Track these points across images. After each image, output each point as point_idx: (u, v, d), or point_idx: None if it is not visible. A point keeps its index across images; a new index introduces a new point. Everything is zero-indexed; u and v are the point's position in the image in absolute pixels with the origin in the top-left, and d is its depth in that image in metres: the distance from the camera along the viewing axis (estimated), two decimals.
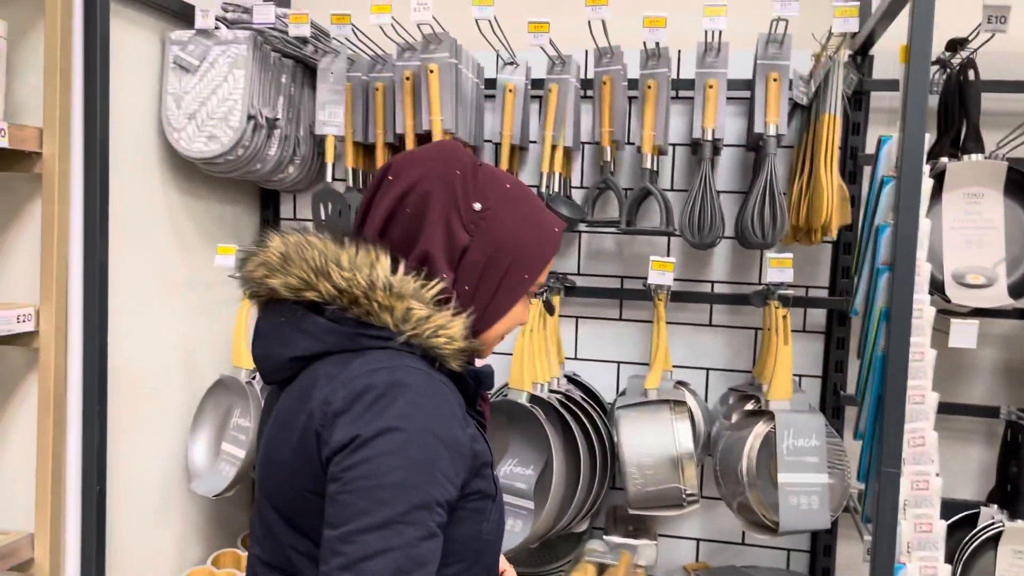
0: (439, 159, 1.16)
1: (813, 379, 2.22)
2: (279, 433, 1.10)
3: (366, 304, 1.07)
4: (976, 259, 1.86)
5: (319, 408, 1.04)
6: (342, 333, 1.08)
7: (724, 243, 2.23)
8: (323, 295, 1.08)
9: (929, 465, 1.60)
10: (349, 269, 1.07)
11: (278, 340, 1.12)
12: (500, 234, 1.15)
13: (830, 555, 2.18)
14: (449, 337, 1.09)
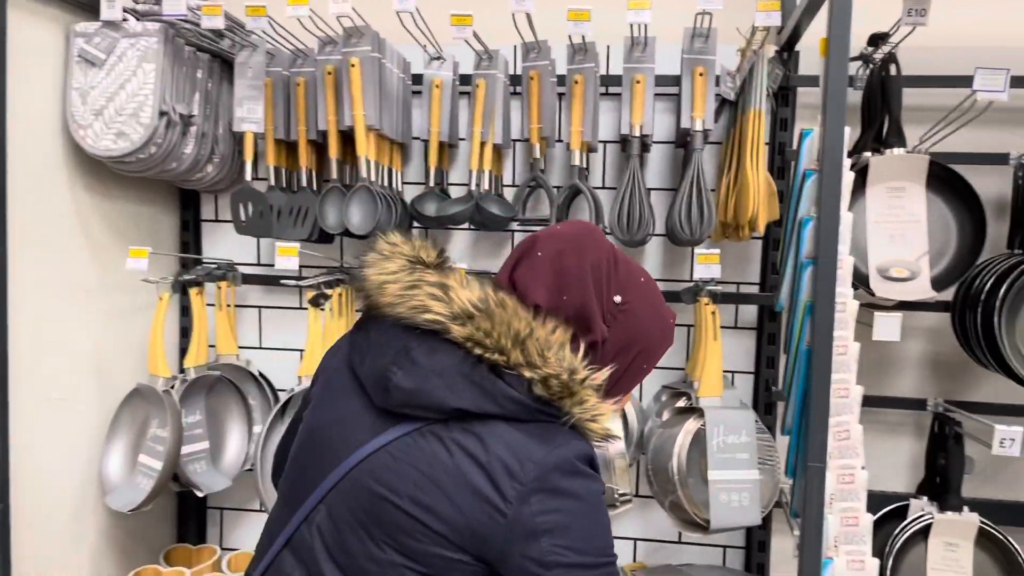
0: (588, 245, 1.19)
1: (746, 375, 2.21)
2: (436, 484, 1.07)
3: (555, 386, 1.09)
4: (899, 253, 1.87)
5: (508, 484, 1.05)
6: (524, 405, 1.08)
7: (655, 241, 2.21)
8: (509, 361, 1.08)
9: (855, 459, 1.60)
10: (545, 346, 1.09)
11: (444, 384, 1.09)
12: (634, 328, 1.19)
13: (764, 550, 2.18)
14: (602, 424, 1.13)
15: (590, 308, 1.15)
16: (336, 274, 2.12)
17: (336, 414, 1.19)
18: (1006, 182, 2.02)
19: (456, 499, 1.05)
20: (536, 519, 1.04)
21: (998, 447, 1.73)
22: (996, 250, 2.02)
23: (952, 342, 2.04)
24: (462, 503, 1.05)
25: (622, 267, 1.21)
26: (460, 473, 1.06)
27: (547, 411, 1.09)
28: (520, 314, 1.11)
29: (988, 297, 1.82)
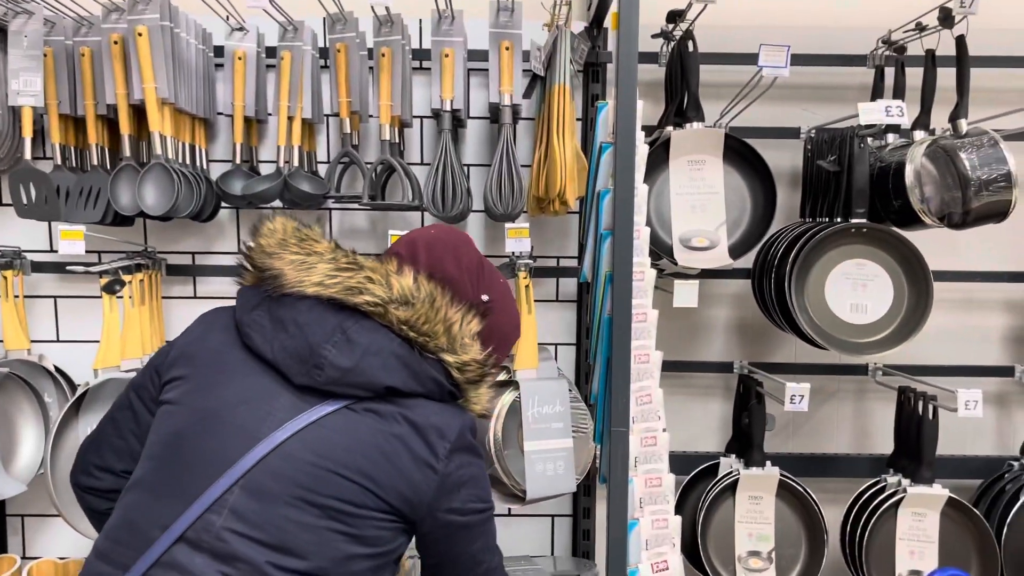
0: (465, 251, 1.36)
1: (568, 347, 2.26)
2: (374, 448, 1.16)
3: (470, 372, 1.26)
4: (700, 223, 1.95)
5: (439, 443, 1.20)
6: (440, 385, 1.23)
7: (476, 217, 2.21)
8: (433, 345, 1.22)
9: (656, 422, 1.66)
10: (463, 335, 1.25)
11: (380, 363, 1.18)
12: (496, 324, 1.34)
13: (589, 517, 2.24)
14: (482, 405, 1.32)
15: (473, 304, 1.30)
16: (137, 258, 1.99)
17: (240, 395, 1.18)
18: (798, 155, 2.14)
19: (398, 463, 1.17)
20: (458, 472, 1.21)
21: (789, 403, 1.84)
22: (790, 218, 2.15)
23: (754, 307, 2.15)
24: (403, 467, 1.17)
25: (487, 269, 1.37)
26: (401, 441, 1.17)
27: (455, 394, 1.26)
28: (452, 305, 1.24)
29: (780, 264, 1.93)
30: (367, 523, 1.16)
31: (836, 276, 1.92)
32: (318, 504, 1.13)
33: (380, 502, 1.16)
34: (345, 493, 1.14)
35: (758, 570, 2.03)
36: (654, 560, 1.62)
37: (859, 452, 2.28)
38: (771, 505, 2.05)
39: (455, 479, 1.21)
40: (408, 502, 1.18)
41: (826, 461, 2.23)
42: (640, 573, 1.61)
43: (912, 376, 2.07)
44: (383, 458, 1.17)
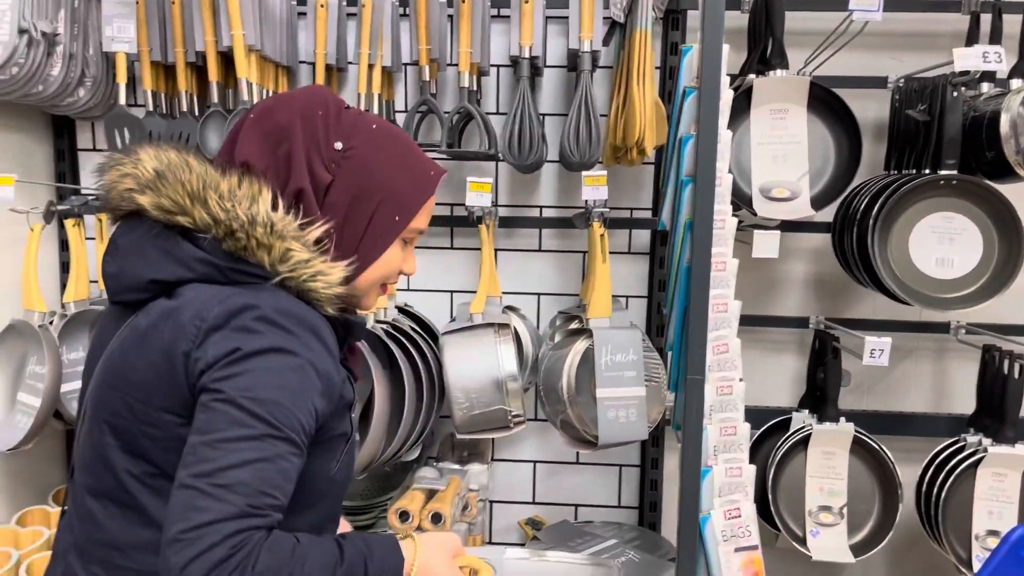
0: (300, 99, 1.14)
1: (639, 299, 2.26)
2: (136, 351, 1.05)
3: (243, 239, 1.04)
4: (781, 173, 1.92)
5: (190, 324, 1.01)
6: (215, 265, 1.05)
7: (551, 167, 2.21)
8: (196, 222, 1.04)
9: (733, 371, 1.66)
10: (228, 199, 1.05)
11: (142, 259, 1.07)
12: (364, 174, 1.13)
13: (657, 467, 2.26)
14: (328, 282, 1.08)
15: (295, 154, 1.10)
16: None
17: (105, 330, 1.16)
18: (885, 105, 2.08)
19: (149, 357, 1.03)
20: (210, 351, 0.99)
21: (868, 357, 1.81)
22: (875, 171, 2.10)
23: (834, 262, 2.11)
24: (154, 359, 1.02)
25: (348, 117, 1.15)
26: (154, 331, 1.03)
27: (246, 270, 1.05)
28: (195, 170, 1.06)
29: (863, 217, 1.89)
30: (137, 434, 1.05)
31: (922, 230, 1.87)
32: (101, 419, 1.08)
33: (139, 405, 1.04)
34: (111, 402, 1.07)
35: (829, 524, 2.02)
36: (726, 507, 1.63)
37: (937, 411, 2.23)
38: (844, 461, 2.04)
39: (206, 361, 0.99)
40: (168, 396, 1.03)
41: (902, 419, 2.19)
42: (712, 519, 1.62)
43: (998, 335, 2.01)
44: (136, 355, 1.05)
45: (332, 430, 1.12)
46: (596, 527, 2.21)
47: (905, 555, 2.27)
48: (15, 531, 1.93)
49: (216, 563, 0.91)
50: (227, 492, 0.93)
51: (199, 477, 0.93)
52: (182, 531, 0.92)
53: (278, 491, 0.97)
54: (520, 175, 2.20)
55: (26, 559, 1.79)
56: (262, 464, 0.95)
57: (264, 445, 0.96)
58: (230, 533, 0.92)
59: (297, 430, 0.99)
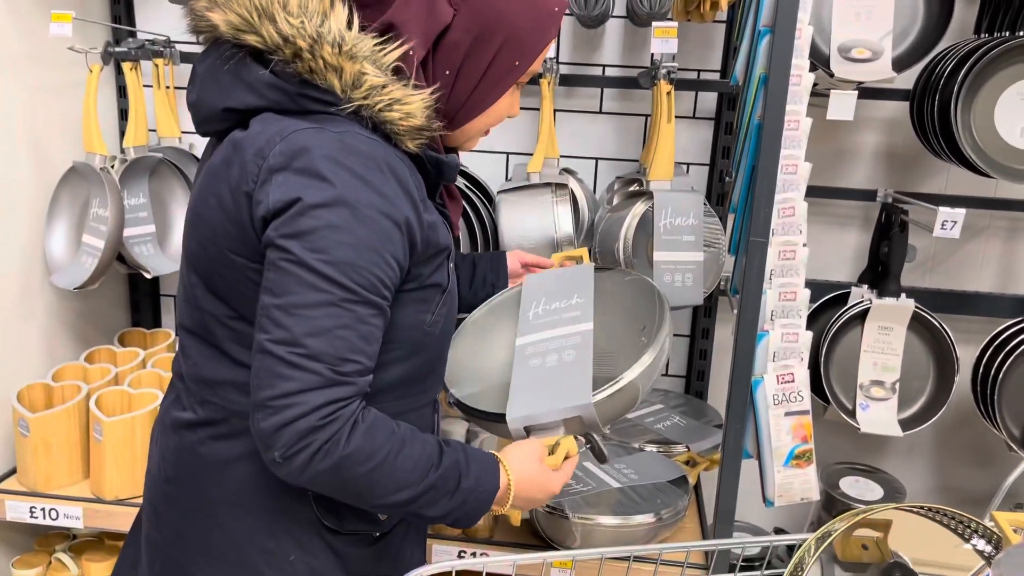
0: None
1: (701, 167, 2.20)
2: (207, 186, 1.02)
3: (310, 60, 0.95)
4: (863, 32, 1.80)
5: (252, 162, 0.96)
6: (283, 90, 0.97)
7: (616, 22, 2.11)
8: (266, 41, 0.96)
9: (797, 236, 1.61)
10: (297, 15, 0.95)
11: (215, 86, 1.01)
12: (489, 11, 1.02)
13: (708, 337, 2.25)
14: (406, 113, 0.99)
15: None
16: None
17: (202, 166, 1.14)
18: None
19: (218, 193, 0.99)
20: (272, 195, 0.93)
21: (939, 229, 1.75)
22: (962, 35, 1.96)
23: (909, 133, 2.01)
24: (222, 195, 0.99)
25: None
26: (224, 166, 1.00)
27: (315, 96, 0.97)
28: None
29: (947, 82, 1.78)
30: (214, 274, 1.04)
31: (1010, 96, 1.76)
32: (189, 261, 1.08)
33: (211, 245, 1.02)
34: (191, 240, 1.06)
35: (880, 399, 2.01)
36: (780, 372, 1.62)
37: (1003, 291, 2.17)
38: (901, 337, 2.00)
39: (268, 206, 0.94)
40: (235, 238, 0.99)
41: (966, 298, 2.13)
42: (764, 383, 1.62)
43: None
44: (204, 193, 1.03)
45: (424, 278, 1.07)
46: None
47: (953, 434, 2.27)
48: (83, 367, 2.01)
49: (306, 432, 0.91)
50: (310, 361, 0.91)
51: (279, 344, 0.91)
52: (270, 398, 0.91)
53: (362, 355, 0.94)
54: (583, 30, 2.11)
55: (95, 392, 1.87)
56: (342, 331, 0.92)
57: (342, 311, 0.92)
58: (319, 404, 0.91)
59: (376, 289, 0.95)
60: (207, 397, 1.12)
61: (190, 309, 1.10)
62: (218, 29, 0.99)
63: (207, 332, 1.08)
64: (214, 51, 1.03)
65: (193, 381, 1.13)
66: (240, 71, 0.99)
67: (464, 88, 1.07)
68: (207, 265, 1.04)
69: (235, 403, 1.09)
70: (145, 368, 2.02)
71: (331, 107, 0.98)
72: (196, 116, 1.07)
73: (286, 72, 0.97)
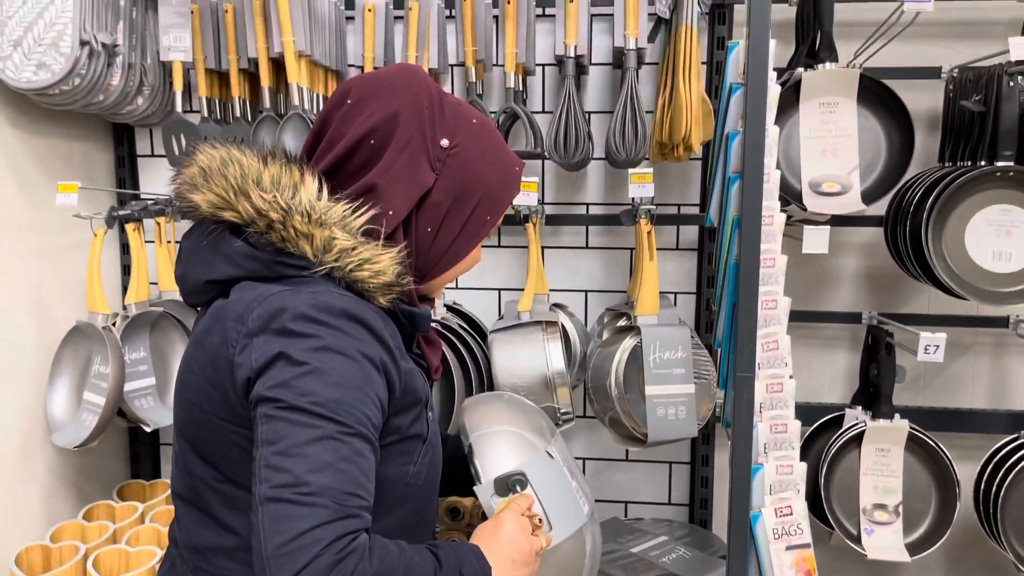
0: (405, 88, 1.09)
1: (688, 296, 2.25)
2: (192, 354, 1.05)
3: (281, 230, 1.01)
4: (831, 167, 1.89)
5: (232, 328, 0.99)
6: (258, 259, 1.02)
7: (597, 164, 2.22)
8: (242, 216, 1.02)
9: (783, 368, 1.64)
10: (270, 190, 1.02)
11: (198, 261, 1.07)
12: (467, 174, 1.10)
13: (708, 464, 2.25)
14: (376, 271, 1.03)
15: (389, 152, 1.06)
16: None
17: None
18: (938, 96, 2.04)
19: (202, 360, 1.02)
20: (254, 356, 0.96)
21: (923, 353, 1.78)
22: (928, 164, 2.06)
23: (886, 256, 2.08)
24: (205, 362, 1.01)
25: (449, 108, 1.11)
26: (206, 335, 1.02)
27: (288, 262, 1.02)
28: (241, 163, 1.03)
29: (916, 210, 1.85)
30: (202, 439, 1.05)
31: (978, 223, 1.83)
32: (179, 428, 1.10)
33: (198, 411, 1.04)
34: (178, 407, 1.09)
35: (884, 523, 1.99)
36: (778, 505, 1.62)
37: (996, 408, 2.18)
38: (899, 458, 2.00)
39: (251, 367, 0.96)
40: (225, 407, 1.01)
41: (960, 416, 2.15)
42: (763, 517, 1.61)
43: None
44: (188, 362, 1.06)
45: (404, 429, 1.09)
46: (646, 524, 2.21)
47: (963, 554, 2.23)
48: (81, 525, 2.00)
49: (327, 570, 0.87)
50: (316, 498, 0.89)
51: (282, 488, 0.89)
52: (281, 545, 0.87)
53: (363, 490, 0.93)
54: (566, 173, 2.21)
55: (92, 552, 1.85)
56: (342, 464, 0.91)
57: (339, 444, 0.92)
58: (333, 539, 0.88)
59: (366, 424, 0.96)
60: (199, 564, 1.11)
61: (181, 475, 1.12)
62: (199, 208, 1.06)
63: (197, 497, 1.09)
64: (197, 228, 1.09)
65: (186, 548, 1.13)
66: (219, 244, 1.05)
67: (443, 243, 1.13)
68: (194, 430, 1.06)
69: (225, 569, 1.09)
70: (144, 523, 2.01)
71: (304, 271, 1.03)
72: (183, 289, 1.12)
73: (260, 242, 1.03)
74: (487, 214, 1.14)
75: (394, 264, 1.05)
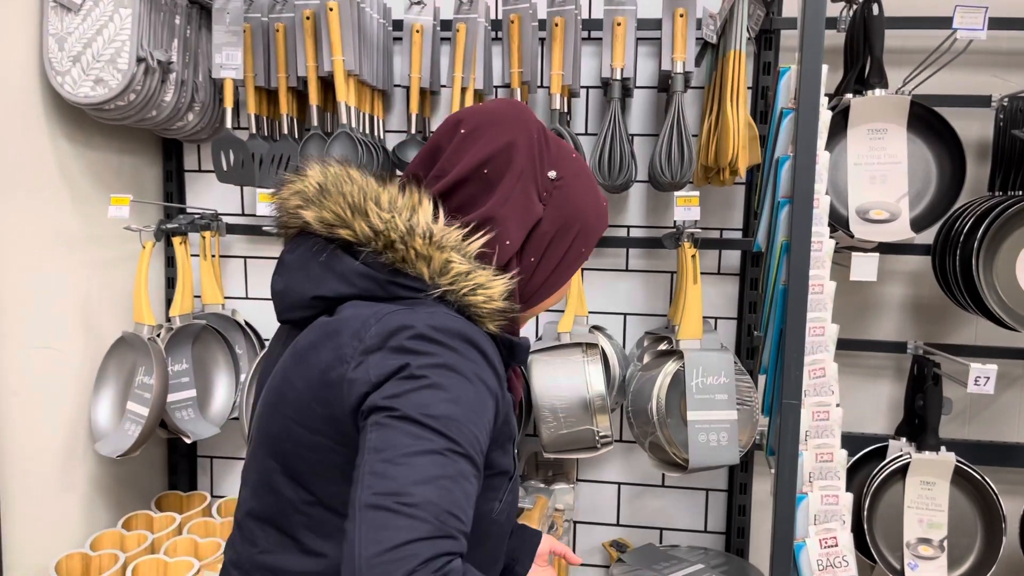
0: (518, 121, 1.11)
1: (729, 321, 2.23)
2: (295, 369, 1.03)
3: (402, 250, 1.02)
4: (879, 194, 1.87)
5: (348, 344, 0.97)
6: (374, 279, 1.02)
7: (639, 187, 2.21)
8: (357, 235, 1.03)
9: (829, 396, 1.62)
10: (388, 210, 1.03)
11: (305, 276, 1.06)
12: (569, 206, 1.12)
13: (746, 492, 2.22)
14: (488, 296, 1.04)
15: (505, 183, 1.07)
16: None
17: (274, 350, 1.17)
18: (988, 125, 2.01)
19: (307, 376, 1.01)
20: (371, 372, 0.94)
21: (973, 385, 1.75)
22: (976, 193, 2.03)
23: (933, 285, 2.05)
24: (311, 379, 1.00)
25: (553, 142, 1.14)
26: (311, 352, 1.01)
27: (404, 283, 1.02)
28: (357, 181, 1.04)
29: (967, 239, 1.83)
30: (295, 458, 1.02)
31: None
32: (261, 440, 1.07)
33: (296, 427, 1.02)
34: (270, 422, 1.05)
35: (929, 557, 1.95)
36: (822, 536, 1.59)
37: None
38: (945, 492, 1.96)
39: (366, 381, 0.95)
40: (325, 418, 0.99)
41: (1007, 449, 2.10)
42: (807, 547, 1.59)
43: None
44: (290, 376, 1.04)
45: (495, 464, 1.08)
46: (682, 551, 2.18)
47: None
48: (121, 534, 2.02)
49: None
50: (417, 510, 0.85)
51: (384, 495, 0.86)
52: (377, 554, 0.83)
53: (463, 514, 0.89)
54: (609, 195, 2.21)
55: (132, 561, 1.86)
56: (446, 482, 0.88)
57: (446, 461, 0.89)
58: (429, 557, 0.84)
59: (476, 447, 0.94)
60: None
61: (262, 495, 1.08)
62: (310, 225, 1.06)
63: (282, 519, 1.06)
64: (303, 242, 1.08)
65: (258, 569, 1.10)
66: (332, 262, 1.04)
67: (543, 274, 1.14)
68: (288, 448, 1.04)
69: None
70: (181, 534, 2.02)
71: (419, 292, 1.02)
72: (282, 303, 1.10)
73: (377, 262, 1.03)
74: (583, 246, 1.16)
75: (506, 290, 1.06)
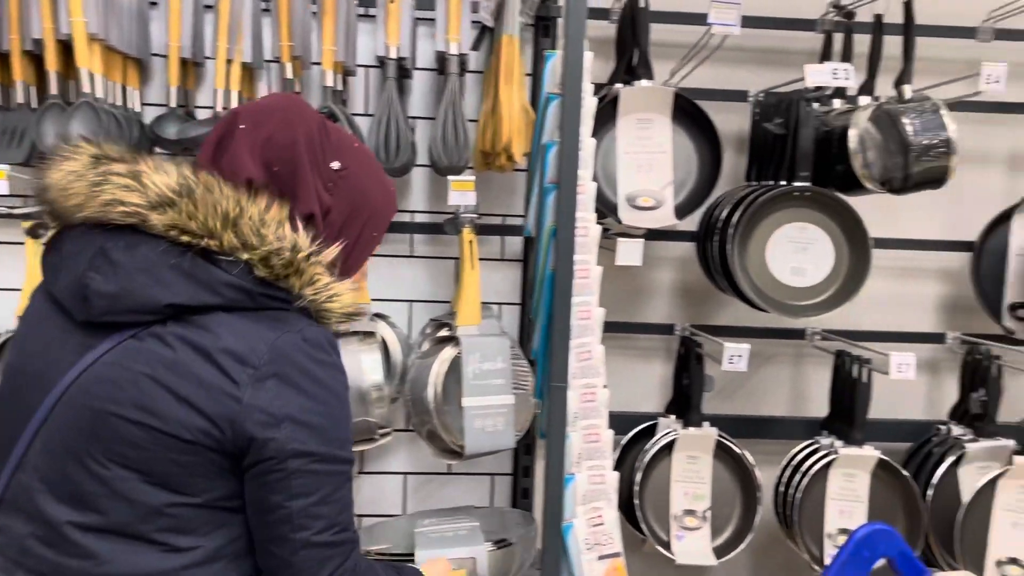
0: (291, 111, 1.13)
1: (513, 307, 2.24)
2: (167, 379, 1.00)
3: (278, 266, 1.04)
4: (647, 182, 1.95)
5: (234, 367, 1.00)
6: (244, 290, 1.03)
7: (424, 172, 2.16)
8: (223, 245, 1.02)
9: (596, 378, 1.66)
10: (259, 224, 1.04)
11: (151, 280, 1.01)
12: (356, 193, 1.16)
13: (529, 475, 2.24)
14: (342, 303, 1.10)
15: (303, 178, 1.09)
16: None
17: (38, 345, 1.08)
18: (746, 118, 2.15)
19: (183, 393, 1.00)
20: (274, 404, 1.00)
21: (727, 363, 1.86)
22: (736, 182, 2.16)
23: (698, 270, 2.16)
24: (190, 395, 1.00)
25: (333, 133, 1.16)
26: (184, 366, 1.00)
27: (274, 295, 1.05)
28: (227, 193, 1.04)
29: (724, 225, 1.93)
30: (165, 465, 1.01)
31: (778, 239, 1.93)
32: (100, 451, 1.01)
33: (170, 439, 1.00)
34: (125, 433, 1.00)
35: (693, 528, 2.06)
36: (589, 515, 1.63)
37: (795, 415, 2.32)
38: (708, 465, 2.08)
39: (269, 411, 1.00)
40: (210, 436, 1.00)
41: (763, 423, 2.26)
42: (575, 527, 1.62)
43: (848, 341, 2.11)
44: (161, 387, 1.00)
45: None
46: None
47: (765, 555, 2.35)
48: None
49: None
50: (345, 534, 1.06)
51: (321, 532, 1.03)
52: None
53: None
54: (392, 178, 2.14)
55: None
56: (350, 496, 1.08)
57: (349, 481, 1.07)
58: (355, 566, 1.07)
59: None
60: None
61: (106, 506, 1.01)
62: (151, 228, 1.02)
63: (139, 525, 1.02)
64: (138, 242, 1.03)
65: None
66: (192, 270, 1.02)
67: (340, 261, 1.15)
68: (150, 455, 1.01)
69: None
70: None
71: (287, 304, 1.06)
72: (107, 306, 1.02)
73: (247, 274, 1.03)
74: (374, 230, 1.21)
75: (353, 296, 1.13)
